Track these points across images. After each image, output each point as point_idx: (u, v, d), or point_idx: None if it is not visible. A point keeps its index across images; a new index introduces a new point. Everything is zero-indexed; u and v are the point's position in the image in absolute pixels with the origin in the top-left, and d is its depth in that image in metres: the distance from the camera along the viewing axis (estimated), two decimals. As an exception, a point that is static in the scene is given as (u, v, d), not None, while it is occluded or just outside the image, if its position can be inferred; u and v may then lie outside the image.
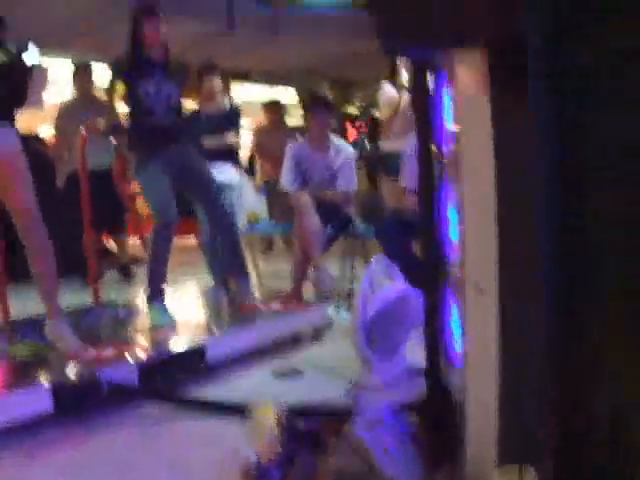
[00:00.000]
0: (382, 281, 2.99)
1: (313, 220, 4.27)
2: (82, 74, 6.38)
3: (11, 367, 2.97)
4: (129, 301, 4.56)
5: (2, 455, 2.40)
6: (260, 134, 7.87)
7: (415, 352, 2.91)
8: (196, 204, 4.15)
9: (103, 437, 2.56)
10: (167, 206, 3.74)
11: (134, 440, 2.53)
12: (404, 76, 5.29)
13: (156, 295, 3.77)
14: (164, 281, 3.85)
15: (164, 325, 3.61)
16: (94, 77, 6.51)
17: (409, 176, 4.18)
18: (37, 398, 2.56)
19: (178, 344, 3.24)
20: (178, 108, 3.95)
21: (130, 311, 4.17)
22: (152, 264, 3.83)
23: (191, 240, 9.09)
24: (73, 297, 4.38)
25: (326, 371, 3.11)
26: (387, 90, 5.51)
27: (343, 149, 4.66)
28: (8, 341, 3.44)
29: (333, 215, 4.49)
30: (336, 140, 4.73)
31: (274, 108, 8.12)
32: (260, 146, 7.72)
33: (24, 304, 4.10)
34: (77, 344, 3.11)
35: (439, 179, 1.82)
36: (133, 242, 7.89)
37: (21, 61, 3.23)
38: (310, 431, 2.09)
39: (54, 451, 2.46)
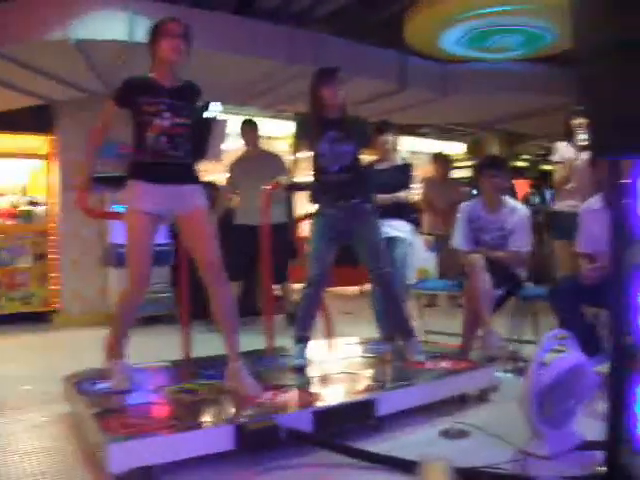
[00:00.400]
0: (558, 350, 2.97)
1: (485, 280, 4.26)
2: (248, 128, 6.72)
3: (194, 404, 3.13)
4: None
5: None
6: (428, 187, 7.93)
7: (585, 425, 2.88)
8: (362, 261, 4.27)
9: (273, 476, 2.71)
10: (319, 263, 3.97)
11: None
12: (580, 135, 5.23)
13: (299, 340, 3.99)
14: (308, 330, 4.06)
15: (295, 365, 3.86)
16: (262, 131, 6.90)
17: (584, 240, 4.11)
18: (220, 436, 2.74)
19: (349, 395, 3.33)
20: (352, 166, 4.07)
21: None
22: (300, 312, 4.09)
23: (358, 288, 9.34)
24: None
25: (492, 434, 3.06)
26: (562, 149, 5.43)
27: (517, 209, 4.61)
28: (190, 379, 3.65)
29: (504, 276, 4.46)
30: (510, 200, 4.70)
31: (442, 161, 8.16)
32: (427, 198, 7.77)
33: (206, 342, 4.38)
34: (255, 388, 3.29)
35: (632, 264, 1.82)
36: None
37: (203, 119, 3.54)
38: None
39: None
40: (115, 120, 3.47)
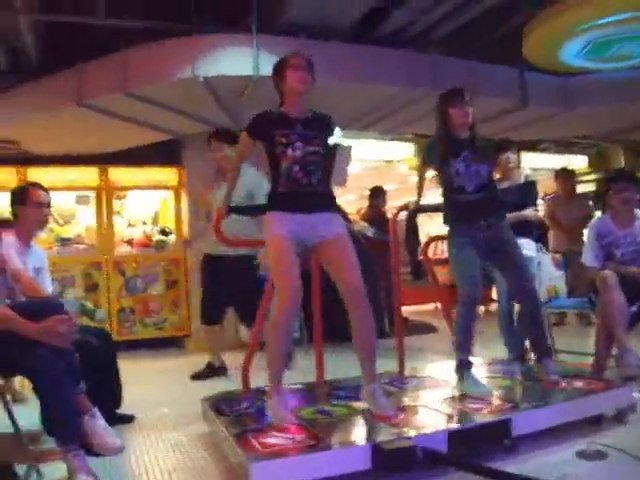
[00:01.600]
0: None
1: (618, 297, 4.14)
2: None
3: (330, 425, 3.22)
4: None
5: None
6: (553, 203, 7.79)
7: None
8: (499, 276, 4.24)
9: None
10: (474, 282, 3.86)
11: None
12: None
13: (465, 365, 3.90)
14: (471, 352, 3.95)
15: (480, 395, 3.65)
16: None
17: None
18: (358, 455, 2.80)
19: (483, 415, 3.29)
20: (487, 185, 4.05)
21: (430, 379, 4.33)
22: (459, 336, 3.96)
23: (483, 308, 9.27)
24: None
25: (631, 456, 2.96)
26: None
27: (649, 224, 4.48)
28: (325, 400, 3.75)
29: (638, 291, 4.32)
30: (641, 214, 4.57)
31: (567, 176, 7.99)
32: (553, 215, 7.63)
33: (336, 363, 4.46)
34: (391, 409, 3.33)
35: None
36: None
37: (329, 146, 3.64)
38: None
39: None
40: (250, 152, 3.63)
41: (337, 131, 6.79)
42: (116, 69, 6.30)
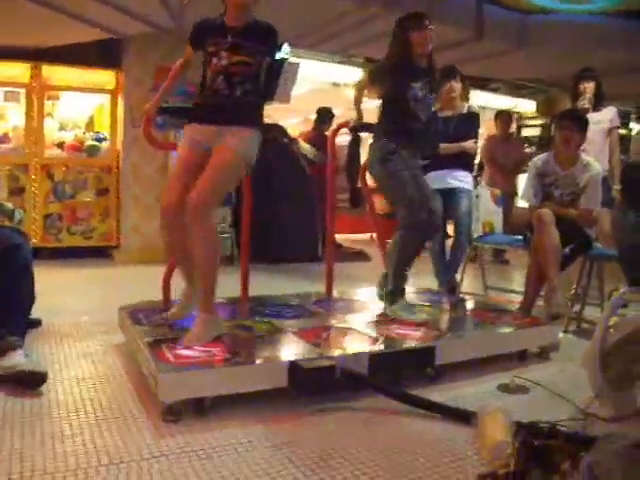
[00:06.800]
0: (627, 310, 2.86)
1: (553, 236, 4.09)
2: None
3: (249, 341, 3.14)
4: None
5: (229, 415, 2.61)
6: (491, 143, 7.86)
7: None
8: None
9: (323, 417, 2.68)
10: (433, 195, 3.80)
11: (351, 425, 2.61)
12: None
13: (399, 293, 3.85)
14: (407, 278, 3.91)
15: (411, 319, 3.64)
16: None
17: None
18: (273, 372, 2.72)
19: (407, 341, 3.25)
20: (431, 118, 4.01)
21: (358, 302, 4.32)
22: (400, 260, 3.86)
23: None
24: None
25: (551, 392, 2.99)
26: None
27: (591, 166, 4.38)
28: (246, 316, 3.69)
29: (573, 234, 4.28)
30: (584, 156, 4.48)
31: (506, 118, 8.13)
32: (490, 155, 7.69)
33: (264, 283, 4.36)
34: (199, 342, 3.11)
35: None
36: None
37: (274, 59, 3.44)
38: (544, 450, 2.01)
39: (275, 421, 2.61)
40: (192, 60, 3.46)
41: (286, 47, 6.54)
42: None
